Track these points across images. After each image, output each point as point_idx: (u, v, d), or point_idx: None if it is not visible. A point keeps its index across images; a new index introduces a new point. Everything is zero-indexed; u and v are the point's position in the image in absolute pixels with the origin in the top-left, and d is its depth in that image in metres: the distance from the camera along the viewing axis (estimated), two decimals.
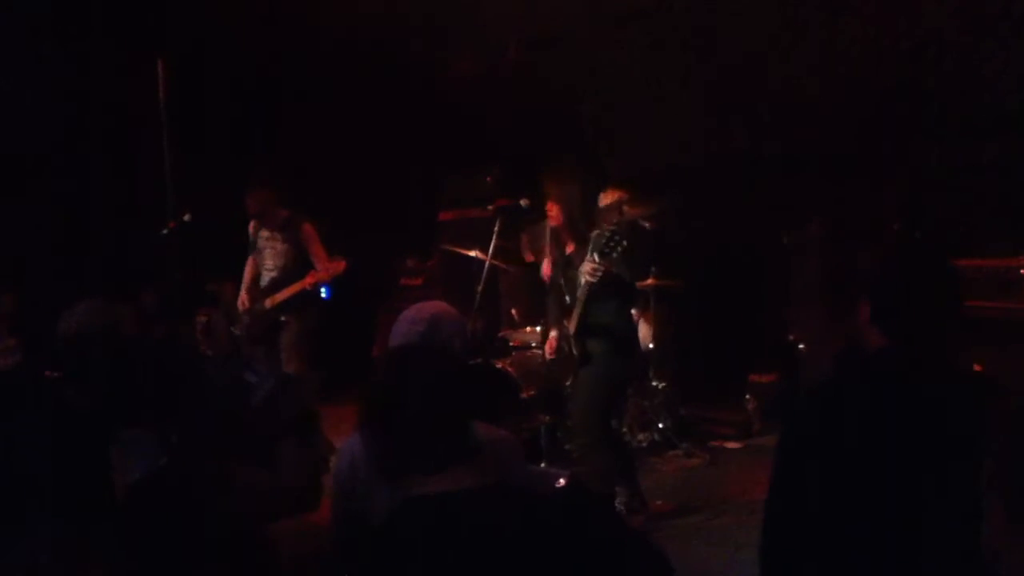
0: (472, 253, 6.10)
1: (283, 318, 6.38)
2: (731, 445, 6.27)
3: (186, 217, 6.48)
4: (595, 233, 4.36)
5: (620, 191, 5.58)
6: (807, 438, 1.99)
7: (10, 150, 6.92)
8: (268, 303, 6.40)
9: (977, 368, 3.71)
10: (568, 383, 4.81)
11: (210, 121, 7.64)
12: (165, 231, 6.45)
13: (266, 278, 6.49)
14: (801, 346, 6.19)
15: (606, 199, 5.48)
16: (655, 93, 7.62)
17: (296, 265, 6.36)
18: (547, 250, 5.26)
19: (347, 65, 8.05)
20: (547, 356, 5.03)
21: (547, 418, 5.53)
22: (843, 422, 1.95)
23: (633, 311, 5.60)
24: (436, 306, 2.68)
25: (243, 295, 6.61)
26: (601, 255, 4.30)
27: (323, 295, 6.83)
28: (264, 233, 6.52)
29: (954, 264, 2.06)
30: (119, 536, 1.49)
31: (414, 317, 2.60)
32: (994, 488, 1.10)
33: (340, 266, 6.24)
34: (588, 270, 4.38)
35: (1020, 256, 4.69)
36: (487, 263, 5.56)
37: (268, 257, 6.49)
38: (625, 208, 5.40)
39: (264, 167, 6.87)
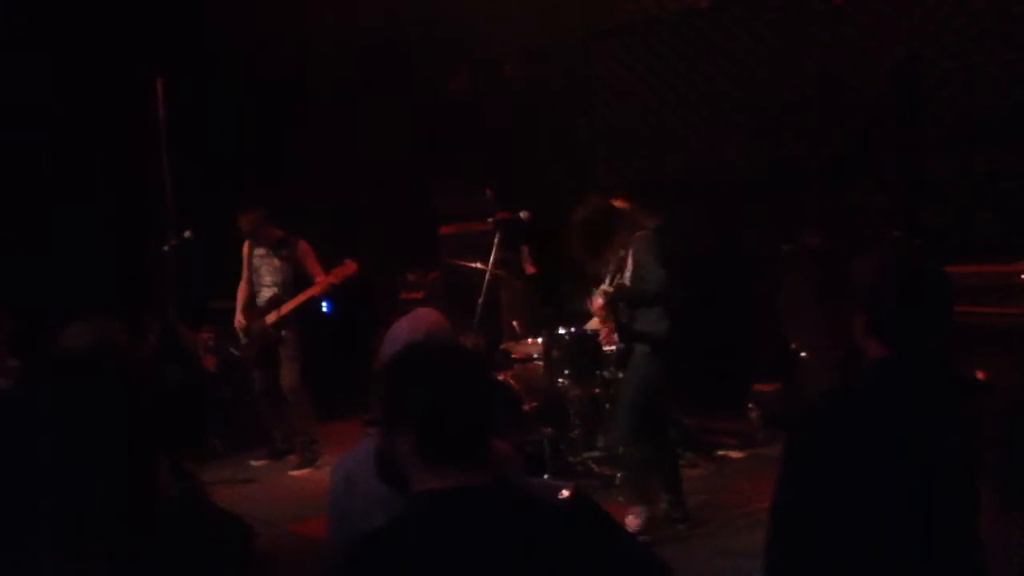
0: (475, 264, 6.09)
1: (283, 332, 6.39)
2: (735, 454, 6.25)
3: (187, 234, 6.50)
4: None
5: (625, 200, 5.63)
6: (812, 446, 2.01)
7: (10, 168, 6.94)
8: (270, 319, 6.41)
9: (980, 375, 3.71)
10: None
11: (211, 139, 7.67)
12: (166, 248, 6.47)
13: (265, 295, 6.50)
14: (803, 355, 6.19)
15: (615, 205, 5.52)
16: (652, 105, 7.64)
17: (294, 281, 6.39)
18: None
19: (347, 83, 8.12)
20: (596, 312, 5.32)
21: (550, 430, 5.52)
22: (846, 430, 1.97)
23: None
24: (428, 318, 2.60)
25: (239, 316, 6.62)
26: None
27: (324, 310, 6.84)
28: (259, 251, 6.54)
29: (947, 272, 2.07)
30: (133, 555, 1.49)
31: (411, 337, 2.47)
32: (989, 478, 1.13)
33: (351, 268, 6.23)
34: (596, 308, 5.09)
35: (1020, 262, 4.69)
36: (487, 275, 5.56)
37: (266, 274, 6.50)
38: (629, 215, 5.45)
39: (256, 187, 6.88)
